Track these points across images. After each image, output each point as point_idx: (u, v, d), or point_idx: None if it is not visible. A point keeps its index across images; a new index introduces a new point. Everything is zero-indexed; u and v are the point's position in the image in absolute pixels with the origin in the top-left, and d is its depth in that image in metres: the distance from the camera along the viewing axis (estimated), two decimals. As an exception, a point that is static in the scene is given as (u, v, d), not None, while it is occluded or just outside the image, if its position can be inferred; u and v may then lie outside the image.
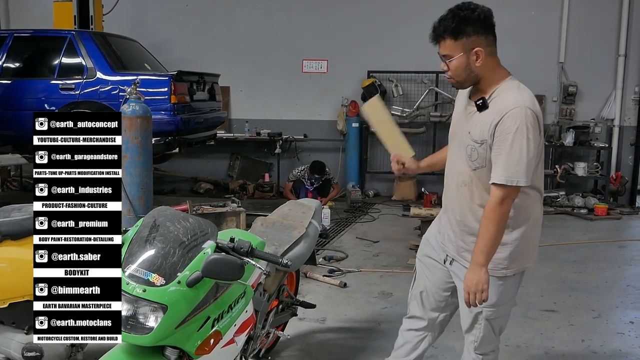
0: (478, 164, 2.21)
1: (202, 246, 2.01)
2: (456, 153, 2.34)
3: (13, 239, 2.59)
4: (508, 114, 2.10)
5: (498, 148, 2.12)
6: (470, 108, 2.26)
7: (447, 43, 2.16)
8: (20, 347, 2.63)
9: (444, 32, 2.16)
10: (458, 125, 2.34)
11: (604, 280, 4.93)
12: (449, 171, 2.41)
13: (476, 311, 2.33)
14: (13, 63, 6.16)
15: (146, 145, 4.68)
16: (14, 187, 8.65)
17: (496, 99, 2.18)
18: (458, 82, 2.25)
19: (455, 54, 2.17)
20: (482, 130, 2.17)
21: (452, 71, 2.21)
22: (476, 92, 2.27)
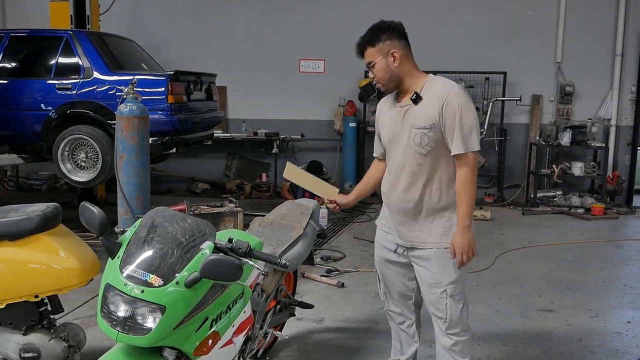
0: (430, 147, 2.52)
1: (200, 247, 2.00)
2: (399, 152, 2.61)
3: (10, 240, 2.58)
4: (450, 94, 2.47)
5: (450, 125, 2.46)
6: (403, 108, 2.58)
7: (368, 51, 2.56)
8: (17, 347, 2.63)
9: (364, 43, 2.58)
10: (394, 128, 2.62)
11: (601, 280, 4.94)
12: (393, 172, 2.66)
13: (440, 291, 2.60)
14: (9, 63, 6.12)
15: (143, 145, 4.66)
16: (10, 187, 8.63)
17: (428, 90, 2.53)
18: (384, 85, 2.58)
19: (375, 59, 2.54)
20: (428, 117, 2.49)
21: (376, 75, 2.56)
22: (402, 94, 2.60)
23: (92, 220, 2.05)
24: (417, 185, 2.57)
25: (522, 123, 8.46)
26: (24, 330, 2.65)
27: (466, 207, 2.49)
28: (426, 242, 2.60)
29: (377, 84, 2.59)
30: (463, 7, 8.13)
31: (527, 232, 6.59)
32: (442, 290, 2.59)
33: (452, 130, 2.46)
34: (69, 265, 2.63)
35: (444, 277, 2.59)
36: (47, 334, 2.69)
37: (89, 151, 5.66)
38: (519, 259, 5.52)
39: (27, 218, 2.60)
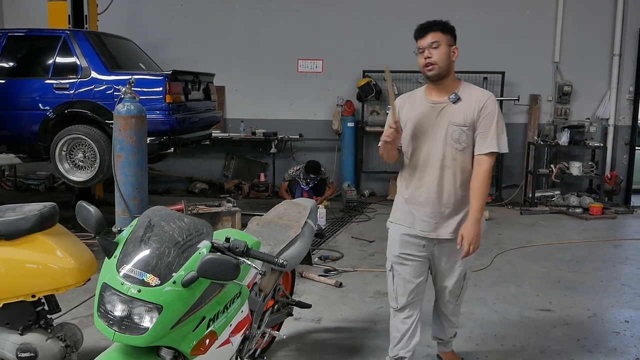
0: (465, 144, 2.74)
1: (197, 246, 1.99)
2: (430, 146, 2.77)
3: (7, 239, 2.58)
4: (488, 100, 2.74)
5: (485, 126, 2.72)
6: (438, 105, 2.76)
7: (437, 34, 2.69)
8: (14, 347, 2.62)
9: (436, 25, 2.71)
10: (426, 123, 2.77)
11: (599, 280, 4.94)
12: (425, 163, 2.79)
13: (463, 275, 2.93)
14: (7, 63, 6.11)
15: (141, 144, 4.65)
16: (8, 187, 8.61)
17: (465, 92, 2.76)
18: (438, 69, 2.69)
19: (441, 42, 2.69)
20: (467, 116, 2.71)
21: (437, 57, 2.69)
22: (437, 91, 2.78)
23: (88, 220, 2.05)
24: (449, 178, 2.76)
25: (520, 123, 8.47)
26: (21, 330, 2.65)
27: (480, 202, 2.72)
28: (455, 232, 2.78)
29: (432, 65, 2.68)
30: (462, 7, 8.13)
31: (525, 232, 6.60)
32: (464, 275, 2.93)
33: (486, 130, 2.71)
34: (66, 264, 2.63)
35: (467, 264, 2.90)
36: (44, 334, 2.68)
37: (87, 151, 5.65)
38: (517, 259, 5.52)
39: (24, 217, 2.59)
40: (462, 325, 3.83)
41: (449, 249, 2.84)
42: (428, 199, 2.79)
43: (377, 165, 8.62)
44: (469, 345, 3.61)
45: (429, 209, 2.80)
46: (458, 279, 2.94)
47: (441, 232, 2.82)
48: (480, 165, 2.73)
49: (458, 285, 2.97)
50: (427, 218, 2.81)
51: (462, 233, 2.70)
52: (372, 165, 8.68)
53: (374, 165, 8.66)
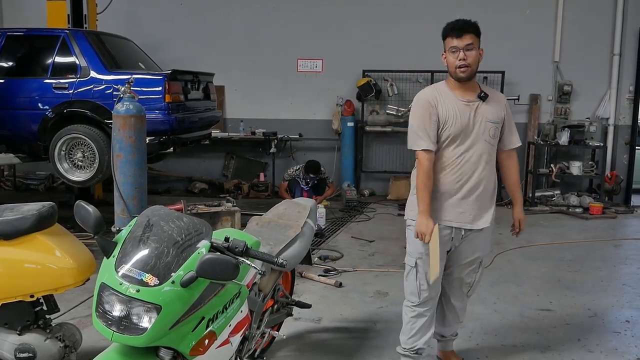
0: (496, 140, 2.94)
1: (196, 246, 1.98)
2: (475, 141, 2.87)
3: (5, 239, 2.57)
4: (505, 99, 3.03)
5: (510, 122, 2.99)
6: (471, 102, 2.87)
7: (472, 36, 2.79)
8: (12, 347, 2.61)
9: (471, 26, 2.81)
10: (466, 120, 2.85)
11: (599, 280, 4.94)
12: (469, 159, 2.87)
13: (478, 262, 3.06)
14: (6, 62, 6.10)
15: (140, 144, 4.64)
16: (7, 187, 8.60)
17: (488, 91, 2.92)
18: (470, 71, 2.80)
19: (475, 45, 2.80)
20: (498, 114, 2.91)
21: (472, 59, 2.79)
22: (467, 89, 2.88)
23: (87, 219, 2.03)
24: (488, 172, 2.92)
25: (520, 122, 8.45)
26: (19, 330, 2.64)
27: (518, 187, 3.11)
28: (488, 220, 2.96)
29: (465, 67, 2.78)
30: (462, 7, 8.11)
31: (525, 232, 6.47)
32: (480, 261, 3.07)
33: (511, 126, 3.00)
34: (64, 264, 2.61)
35: (486, 248, 3.10)
36: (43, 334, 2.67)
37: (86, 150, 5.64)
38: (517, 259, 5.51)
39: (22, 217, 2.58)
40: (463, 325, 3.82)
41: (478, 238, 2.97)
42: (472, 193, 2.89)
43: (377, 165, 8.61)
44: (470, 344, 3.60)
45: (472, 202, 2.90)
46: (475, 266, 3.08)
47: (479, 223, 2.94)
48: (512, 159, 3.04)
49: (472, 272, 3.08)
50: (468, 210, 2.90)
51: (519, 218, 3.10)
52: (372, 165, 8.67)
53: (374, 165, 8.65)
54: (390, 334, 3.60)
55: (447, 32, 2.83)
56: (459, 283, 3.10)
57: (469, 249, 3.00)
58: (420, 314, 3.02)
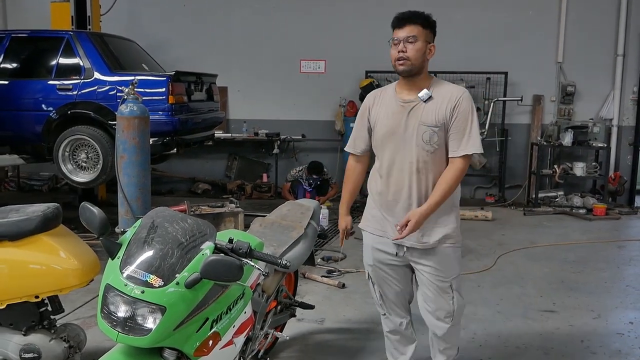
0: (437, 146, 2.56)
1: (200, 247, 1.99)
2: (399, 148, 2.60)
3: (10, 240, 2.57)
4: (462, 97, 2.54)
5: (458, 126, 2.53)
6: (408, 104, 2.60)
7: (416, 28, 2.52)
8: (17, 348, 2.62)
9: (416, 17, 2.52)
10: (398, 123, 2.60)
11: (603, 281, 4.93)
12: (397, 166, 2.62)
13: (446, 286, 2.67)
14: (10, 63, 6.12)
15: (144, 145, 4.65)
16: (11, 187, 8.63)
17: (437, 90, 2.58)
18: (410, 65, 2.53)
19: (418, 37, 2.52)
20: (439, 115, 2.54)
21: (413, 53, 2.51)
22: (408, 89, 2.62)
23: (92, 221, 2.04)
24: (421, 182, 2.59)
25: (524, 123, 8.45)
26: (24, 330, 2.65)
27: (440, 196, 2.53)
28: (428, 240, 2.61)
29: (404, 60, 2.52)
30: (464, 7, 8.13)
31: (528, 233, 6.58)
32: (448, 286, 2.67)
33: (459, 131, 2.53)
34: (69, 265, 2.62)
35: (448, 272, 2.66)
36: (48, 335, 2.68)
37: (90, 152, 5.66)
38: (520, 260, 5.50)
39: (27, 218, 2.59)
40: (465, 326, 3.82)
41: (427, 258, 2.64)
42: (404, 205, 2.61)
43: (380, 165, 8.61)
44: (473, 346, 3.60)
45: (401, 215, 2.59)
46: (441, 292, 2.68)
47: (419, 239, 2.61)
48: (453, 164, 2.56)
49: (444, 300, 2.69)
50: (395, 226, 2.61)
51: (409, 218, 2.50)
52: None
53: (377, 165, 8.65)
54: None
55: (392, 22, 2.59)
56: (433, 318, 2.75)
57: (427, 269, 2.66)
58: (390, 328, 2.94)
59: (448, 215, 2.64)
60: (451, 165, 2.57)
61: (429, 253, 2.64)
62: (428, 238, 2.62)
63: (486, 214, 7.21)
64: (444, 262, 2.65)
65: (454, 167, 2.55)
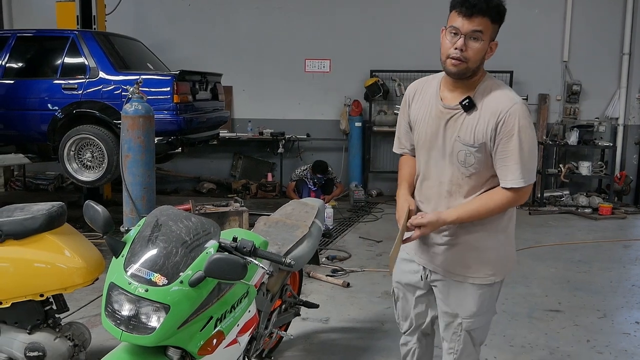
0: (474, 169, 2.09)
1: (204, 246, 1.99)
2: (435, 161, 2.17)
3: (15, 239, 2.59)
4: (509, 111, 2.00)
5: (504, 150, 2.02)
6: (449, 110, 2.11)
7: (486, 22, 2.00)
8: (22, 346, 2.63)
9: (491, 8, 2.01)
10: (434, 132, 2.14)
11: (609, 280, 4.90)
12: (430, 182, 2.21)
13: (456, 322, 2.25)
14: (16, 63, 6.14)
15: (149, 144, 4.66)
16: (17, 187, 8.66)
17: (484, 97, 2.06)
18: (467, 69, 2.02)
19: (485, 34, 2.00)
20: (478, 133, 2.04)
21: (473, 54, 2.00)
22: (457, 89, 2.11)
23: (96, 219, 2.04)
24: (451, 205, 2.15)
25: (529, 122, 8.41)
26: (29, 329, 2.66)
27: (470, 213, 2.08)
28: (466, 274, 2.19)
29: (459, 62, 2.00)
30: (469, 6, 8.11)
31: (533, 232, 6.55)
32: (458, 323, 2.24)
33: (506, 156, 2.03)
34: (74, 264, 2.63)
35: (468, 310, 2.22)
36: (52, 333, 2.69)
37: (95, 151, 5.67)
38: (525, 259, 5.48)
39: (32, 217, 2.60)
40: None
41: (454, 292, 2.23)
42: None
43: (385, 165, 8.60)
44: (478, 346, 3.59)
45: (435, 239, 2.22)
46: (450, 327, 2.28)
47: (452, 272, 2.21)
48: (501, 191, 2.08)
49: (450, 336, 2.29)
50: (434, 248, 2.24)
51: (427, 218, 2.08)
52: (380, 165, 8.66)
53: (382, 165, 8.64)
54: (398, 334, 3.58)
55: (456, 3, 2.02)
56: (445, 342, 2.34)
57: (443, 299, 2.26)
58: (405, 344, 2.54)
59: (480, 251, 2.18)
60: (500, 190, 2.08)
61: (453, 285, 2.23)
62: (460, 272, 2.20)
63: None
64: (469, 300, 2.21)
65: (499, 195, 2.08)
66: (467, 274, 2.20)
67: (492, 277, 2.20)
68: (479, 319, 2.24)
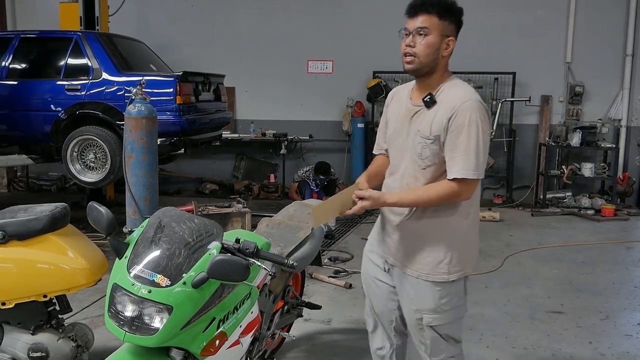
0: (429, 162, 2.16)
1: (207, 247, 1.99)
2: (399, 156, 2.28)
3: (19, 240, 2.59)
4: (462, 106, 2.09)
5: (453, 142, 2.10)
6: (415, 107, 2.22)
7: (431, 18, 2.09)
8: (26, 347, 2.64)
9: (433, 5, 2.09)
10: (400, 127, 2.27)
11: (611, 282, 4.90)
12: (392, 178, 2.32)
13: (417, 317, 2.28)
14: (19, 64, 6.17)
15: (151, 145, 4.67)
16: (20, 187, 8.69)
17: (444, 94, 2.15)
18: (418, 63, 2.13)
19: (431, 30, 2.09)
20: (434, 126, 2.13)
21: (421, 49, 2.10)
22: (421, 88, 2.22)
23: (99, 221, 2.06)
24: None
25: (532, 124, 8.42)
26: (32, 330, 2.66)
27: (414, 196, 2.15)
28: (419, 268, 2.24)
29: (410, 57, 2.13)
30: (472, 7, 8.06)
31: (536, 233, 6.55)
32: (419, 318, 2.27)
33: (454, 148, 2.09)
34: (77, 265, 2.64)
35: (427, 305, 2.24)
36: (56, 334, 2.70)
37: (98, 152, 5.69)
38: (528, 260, 5.48)
39: (35, 218, 2.61)
40: (473, 327, 3.82)
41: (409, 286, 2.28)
42: (389, 217, 2.31)
43: (387, 166, 8.59)
44: (480, 347, 3.59)
45: (390, 229, 2.33)
46: (412, 322, 2.31)
47: (407, 265, 2.27)
48: (444, 183, 2.13)
49: (417, 331, 2.32)
50: (393, 241, 2.33)
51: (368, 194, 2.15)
52: (382, 166, 8.65)
53: (384, 166, 8.63)
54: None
55: (406, 9, 2.15)
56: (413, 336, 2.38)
57: (405, 294, 2.31)
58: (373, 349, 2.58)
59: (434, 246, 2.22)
60: (445, 181, 2.13)
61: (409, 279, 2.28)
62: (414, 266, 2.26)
63: (494, 215, 7.18)
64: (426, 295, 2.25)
65: (442, 186, 2.13)
66: (420, 270, 2.25)
67: (445, 275, 2.22)
68: (442, 316, 2.26)
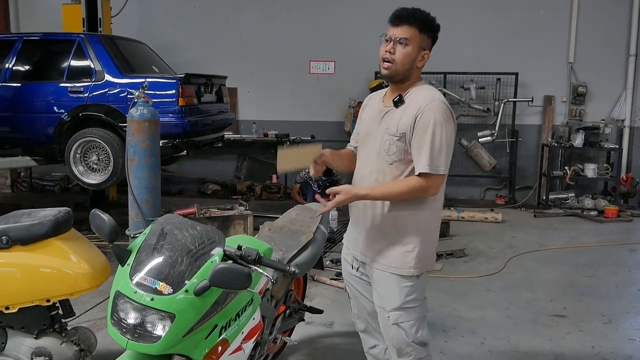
0: (396, 157, 2.30)
1: (209, 254, 2.00)
2: (368, 154, 2.41)
3: (22, 244, 2.60)
4: (427, 106, 2.24)
5: (419, 139, 2.24)
6: (385, 108, 2.38)
7: (412, 30, 2.27)
8: (29, 351, 2.65)
9: (416, 19, 2.27)
10: (371, 128, 2.42)
11: (614, 285, 4.89)
12: (360, 175, 2.45)
13: (385, 315, 2.38)
14: (22, 66, 6.17)
15: (154, 148, 4.66)
16: (23, 188, 8.71)
17: (412, 95, 2.32)
18: (396, 71, 2.30)
19: (411, 41, 2.27)
20: (401, 124, 2.28)
21: (400, 57, 2.28)
22: (393, 92, 2.39)
23: (102, 228, 2.07)
24: None
25: (534, 124, 8.40)
26: (35, 334, 2.67)
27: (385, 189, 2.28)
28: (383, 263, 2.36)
29: (388, 63, 2.29)
30: (474, 8, 8.09)
31: (538, 235, 6.54)
32: (387, 316, 2.37)
33: (419, 145, 2.23)
34: (80, 269, 2.64)
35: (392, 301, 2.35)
36: (59, 338, 2.71)
37: (101, 154, 5.70)
38: (530, 263, 5.47)
39: (39, 223, 2.62)
40: (475, 330, 3.82)
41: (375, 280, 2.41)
42: (358, 213, 2.45)
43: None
44: (481, 351, 3.59)
45: (358, 225, 2.46)
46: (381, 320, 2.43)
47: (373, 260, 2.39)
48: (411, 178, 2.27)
49: (385, 329, 2.43)
50: (360, 237, 2.45)
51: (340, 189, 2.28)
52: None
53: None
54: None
55: (389, 18, 2.34)
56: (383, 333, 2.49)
57: (375, 292, 2.44)
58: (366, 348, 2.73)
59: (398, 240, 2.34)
60: (413, 176, 2.27)
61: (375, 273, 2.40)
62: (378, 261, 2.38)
63: (496, 216, 7.17)
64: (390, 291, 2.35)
65: (411, 180, 2.26)
66: (388, 264, 2.35)
67: (412, 269, 2.33)
68: (409, 314, 2.35)
